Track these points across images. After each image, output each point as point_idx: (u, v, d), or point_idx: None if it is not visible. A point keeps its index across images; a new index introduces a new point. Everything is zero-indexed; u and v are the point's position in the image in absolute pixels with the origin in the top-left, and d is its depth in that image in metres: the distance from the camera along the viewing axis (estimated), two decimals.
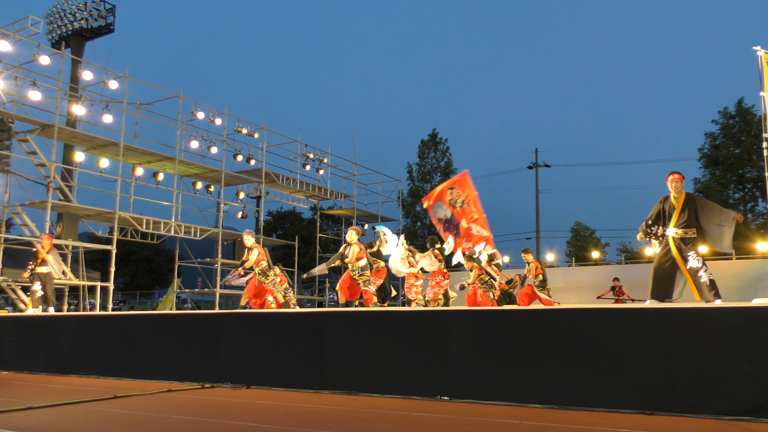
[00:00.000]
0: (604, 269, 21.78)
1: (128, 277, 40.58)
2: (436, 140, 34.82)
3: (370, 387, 5.93)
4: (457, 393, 5.46)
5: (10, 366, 8.89)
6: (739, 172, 27.63)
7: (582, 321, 5.18)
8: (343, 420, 4.68)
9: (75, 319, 9.21)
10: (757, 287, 15.14)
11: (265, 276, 9.62)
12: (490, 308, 6.99)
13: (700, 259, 6.19)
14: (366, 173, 24.33)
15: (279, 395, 6.09)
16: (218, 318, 7.67)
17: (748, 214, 27.73)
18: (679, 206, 6.35)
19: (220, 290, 17.78)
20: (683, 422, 4.28)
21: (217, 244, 17.85)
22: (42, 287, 10.26)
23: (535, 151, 35.47)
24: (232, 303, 26.98)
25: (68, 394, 6.15)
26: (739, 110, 28.21)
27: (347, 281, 8.64)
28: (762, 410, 4.26)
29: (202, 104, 17.54)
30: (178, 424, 4.55)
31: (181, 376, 7.23)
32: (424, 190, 34.22)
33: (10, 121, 13.75)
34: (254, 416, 4.84)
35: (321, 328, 6.52)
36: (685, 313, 4.78)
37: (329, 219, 34.42)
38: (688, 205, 6.34)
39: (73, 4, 22.50)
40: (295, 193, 21.58)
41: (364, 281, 8.59)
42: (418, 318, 6.08)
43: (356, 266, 8.52)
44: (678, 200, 6.40)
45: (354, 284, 8.64)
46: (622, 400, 4.74)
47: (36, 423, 4.62)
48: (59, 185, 14.44)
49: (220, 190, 18.72)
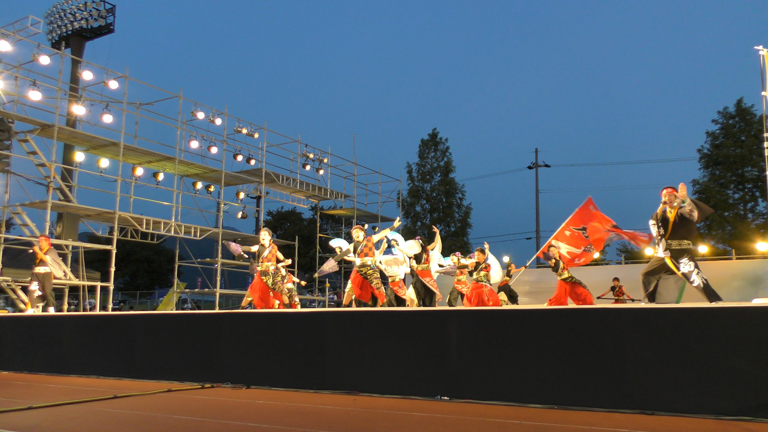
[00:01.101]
0: (604, 269, 21.75)
1: (128, 277, 40.60)
2: (436, 140, 34.78)
3: (370, 387, 5.93)
4: (457, 393, 5.46)
5: (10, 366, 8.89)
6: (739, 172, 27.63)
7: (582, 321, 5.18)
8: (343, 420, 4.68)
9: (75, 319, 9.21)
10: (757, 287, 15.14)
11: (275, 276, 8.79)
12: (490, 308, 6.99)
13: (691, 264, 6.27)
14: (366, 173, 24.37)
15: (279, 395, 6.09)
16: (218, 318, 7.67)
17: (749, 214, 27.74)
18: (672, 219, 6.42)
19: (220, 290, 17.80)
20: (683, 422, 4.28)
21: (217, 244, 17.85)
22: (40, 287, 10.26)
23: (535, 151, 35.52)
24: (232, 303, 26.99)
25: (68, 394, 6.15)
26: (739, 110, 28.22)
27: (358, 278, 8.37)
28: (762, 410, 4.26)
29: (202, 104, 17.57)
30: (178, 424, 4.55)
31: (181, 376, 7.23)
32: (424, 190, 34.23)
33: (10, 121, 13.75)
34: (254, 416, 4.84)
35: (321, 328, 6.52)
36: (685, 313, 4.78)
37: (329, 219, 34.45)
38: (682, 216, 6.40)
39: (73, 4, 22.51)
40: (295, 193, 21.58)
41: (375, 282, 8.27)
42: (418, 318, 6.08)
43: (364, 262, 8.27)
44: (671, 213, 6.46)
45: (365, 283, 8.35)
46: (622, 400, 4.74)
47: (36, 423, 4.61)
48: (59, 185, 14.45)
49: (220, 190, 18.73)
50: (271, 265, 8.66)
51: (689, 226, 6.39)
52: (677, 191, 6.45)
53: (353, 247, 8.55)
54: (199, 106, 17.39)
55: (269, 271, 8.64)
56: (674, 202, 6.39)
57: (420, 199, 34.08)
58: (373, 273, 8.34)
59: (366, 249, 8.36)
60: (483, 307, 8.18)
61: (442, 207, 33.52)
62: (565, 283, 10.23)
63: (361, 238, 8.46)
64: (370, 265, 8.34)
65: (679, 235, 6.39)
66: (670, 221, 6.42)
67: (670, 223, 6.43)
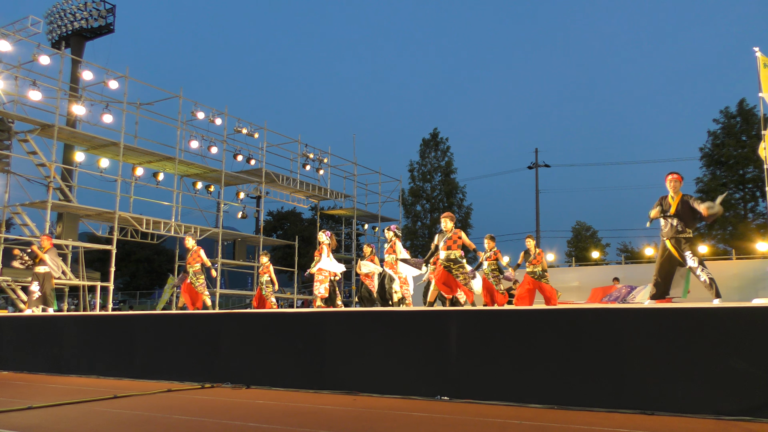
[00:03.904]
0: (604, 269, 21.78)
1: (128, 277, 40.59)
2: (437, 140, 34.76)
3: (370, 387, 5.93)
4: (457, 393, 5.46)
5: (10, 366, 8.89)
6: (740, 172, 27.63)
7: (582, 321, 5.17)
8: (343, 420, 4.68)
9: (75, 319, 9.21)
10: (757, 287, 15.15)
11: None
12: (490, 308, 6.99)
13: (696, 259, 6.21)
14: (366, 173, 24.35)
15: (279, 395, 6.09)
16: (218, 318, 7.67)
17: (749, 214, 27.73)
18: (674, 206, 6.38)
19: (220, 290, 17.80)
20: (683, 422, 4.28)
21: (217, 244, 17.85)
22: (40, 287, 10.26)
23: (535, 151, 35.52)
24: (232, 303, 27.00)
25: (68, 394, 6.15)
26: (741, 110, 28.21)
27: (442, 275, 7.69)
28: (762, 410, 4.26)
29: (202, 104, 17.56)
30: (178, 424, 4.55)
31: (181, 376, 7.24)
32: (425, 190, 34.22)
33: (10, 121, 13.75)
34: (254, 416, 4.84)
35: (321, 328, 6.52)
36: (685, 313, 4.78)
37: (329, 219, 34.40)
38: (684, 205, 6.35)
39: (73, 4, 22.52)
40: (295, 193, 21.58)
41: (463, 278, 7.59)
42: (419, 318, 6.08)
43: (451, 256, 7.59)
44: (674, 200, 6.41)
45: (450, 278, 7.66)
46: (622, 400, 4.74)
47: (36, 423, 4.61)
48: (59, 185, 14.45)
49: (220, 190, 18.72)
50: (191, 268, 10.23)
51: (691, 215, 6.33)
52: (682, 178, 6.43)
53: (437, 240, 7.82)
54: (199, 106, 17.39)
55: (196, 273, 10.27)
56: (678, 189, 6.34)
57: (420, 199, 34.07)
58: (460, 268, 7.62)
59: (450, 242, 7.63)
60: (483, 307, 8.17)
61: (443, 207, 33.51)
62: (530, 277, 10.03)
63: (449, 227, 7.71)
64: (455, 258, 7.62)
65: (682, 223, 6.34)
66: (673, 208, 6.38)
67: (672, 210, 6.38)
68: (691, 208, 6.32)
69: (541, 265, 10.06)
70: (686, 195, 6.45)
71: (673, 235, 6.34)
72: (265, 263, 11.31)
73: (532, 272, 10.01)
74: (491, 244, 10.40)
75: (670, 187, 6.51)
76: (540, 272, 10.00)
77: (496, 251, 10.42)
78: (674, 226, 6.34)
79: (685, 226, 6.32)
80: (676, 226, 6.33)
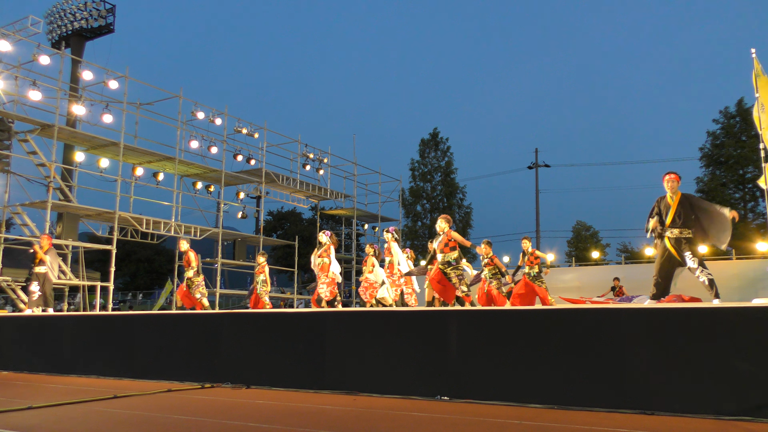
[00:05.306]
0: (604, 269, 21.77)
1: (128, 277, 40.62)
2: (437, 140, 34.76)
3: (370, 387, 5.93)
4: (457, 393, 5.46)
5: (10, 366, 8.89)
6: (740, 171, 27.64)
7: (582, 321, 5.17)
8: (343, 420, 4.68)
9: (75, 319, 9.21)
10: (757, 287, 15.14)
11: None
12: (490, 308, 6.99)
13: (696, 260, 6.19)
14: (366, 173, 24.35)
15: (279, 395, 6.09)
16: (218, 318, 7.67)
17: (749, 214, 27.73)
18: (674, 206, 6.34)
19: (220, 290, 17.79)
20: (683, 422, 4.27)
21: (217, 244, 17.84)
22: (39, 287, 10.25)
23: (535, 151, 35.54)
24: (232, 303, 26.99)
25: (68, 394, 6.15)
26: (740, 110, 28.22)
27: (437, 275, 7.64)
28: (762, 410, 4.25)
29: (202, 104, 17.55)
30: (178, 424, 4.55)
31: (181, 376, 7.23)
32: (425, 190, 34.22)
33: (10, 121, 13.75)
34: (254, 416, 4.84)
35: (321, 328, 6.51)
36: (685, 313, 4.78)
37: (329, 219, 34.40)
38: (684, 205, 6.32)
39: (73, 4, 22.54)
40: (295, 193, 21.57)
41: (456, 279, 7.51)
42: (419, 318, 6.07)
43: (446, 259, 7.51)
44: (673, 200, 6.38)
45: (444, 279, 7.59)
46: (622, 400, 4.74)
47: (36, 423, 4.61)
48: (59, 185, 14.44)
49: (220, 190, 18.72)
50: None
51: (691, 215, 6.31)
52: (680, 177, 6.41)
53: (433, 243, 7.74)
54: (199, 106, 17.39)
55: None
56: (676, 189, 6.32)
57: (421, 199, 34.07)
58: (454, 271, 7.56)
59: (441, 245, 7.57)
60: (483, 307, 8.17)
61: (443, 207, 33.52)
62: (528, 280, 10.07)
63: (445, 228, 7.64)
64: (449, 261, 7.55)
65: (680, 224, 6.31)
66: (673, 208, 6.35)
67: (672, 210, 6.35)
68: (692, 208, 6.30)
69: (537, 267, 10.10)
70: (688, 195, 6.42)
71: (672, 236, 6.33)
72: (261, 262, 11.39)
73: (528, 273, 10.08)
74: (488, 249, 10.39)
75: (667, 187, 6.48)
76: (534, 274, 10.05)
77: (493, 257, 10.45)
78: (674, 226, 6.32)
79: (684, 226, 6.30)
80: (676, 226, 6.31)
